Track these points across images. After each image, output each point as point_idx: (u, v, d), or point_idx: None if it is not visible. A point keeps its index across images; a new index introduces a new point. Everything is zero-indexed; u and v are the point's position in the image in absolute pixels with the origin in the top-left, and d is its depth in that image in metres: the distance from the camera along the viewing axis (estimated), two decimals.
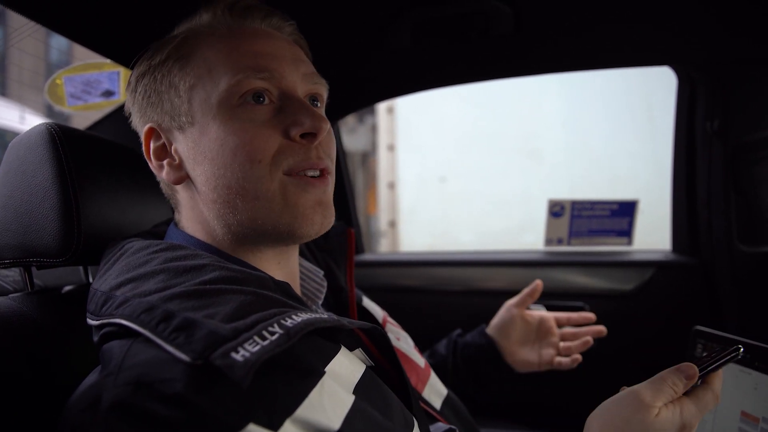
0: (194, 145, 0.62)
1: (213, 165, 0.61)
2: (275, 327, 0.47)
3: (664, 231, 1.53)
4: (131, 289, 0.53)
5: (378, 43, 1.08)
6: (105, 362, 0.49)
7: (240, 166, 0.60)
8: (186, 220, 0.68)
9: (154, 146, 0.66)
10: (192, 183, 0.65)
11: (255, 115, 0.61)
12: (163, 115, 0.64)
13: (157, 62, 0.64)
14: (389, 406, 0.58)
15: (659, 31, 1.08)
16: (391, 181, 4.09)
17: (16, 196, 0.69)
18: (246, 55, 0.62)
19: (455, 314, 1.57)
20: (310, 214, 0.63)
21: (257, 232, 0.63)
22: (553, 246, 1.63)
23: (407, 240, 3.95)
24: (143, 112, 0.67)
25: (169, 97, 0.63)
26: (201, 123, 0.61)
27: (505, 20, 0.99)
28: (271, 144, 0.60)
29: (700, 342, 0.90)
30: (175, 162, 0.65)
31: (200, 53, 0.63)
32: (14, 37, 1.23)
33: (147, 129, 0.65)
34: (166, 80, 0.63)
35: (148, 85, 0.65)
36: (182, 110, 0.62)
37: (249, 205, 0.61)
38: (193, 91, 0.62)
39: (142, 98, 0.66)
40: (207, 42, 0.64)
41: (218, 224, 0.64)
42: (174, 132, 0.64)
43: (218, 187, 0.61)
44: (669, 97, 1.47)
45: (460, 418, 0.85)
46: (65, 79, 1.35)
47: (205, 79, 0.62)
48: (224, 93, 0.60)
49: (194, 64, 0.63)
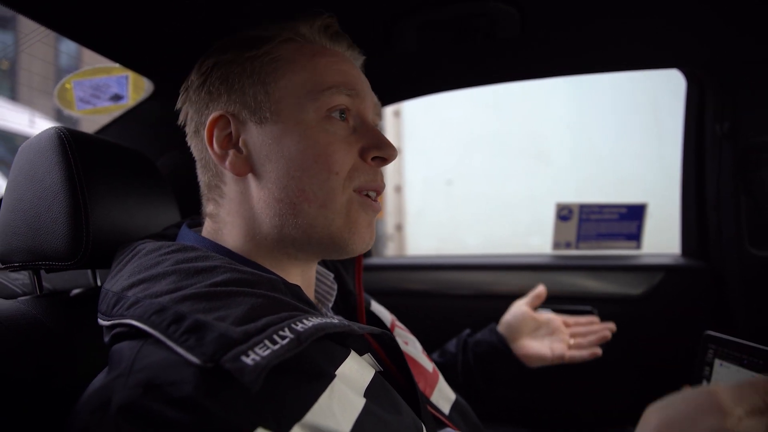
0: (273, 142, 0.63)
1: (290, 165, 0.62)
2: (286, 331, 0.47)
3: (670, 233, 1.52)
4: (142, 290, 0.54)
5: (384, 47, 1.08)
6: (115, 363, 0.49)
7: (318, 174, 0.62)
8: (227, 213, 0.68)
9: (219, 134, 0.65)
10: (254, 178, 0.65)
11: (337, 129, 0.65)
12: (242, 106, 0.65)
13: (249, 56, 0.65)
14: (399, 410, 0.57)
15: (667, 33, 1.07)
16: (398, 185, 4.08)
17: (25, 199, 0.70)
18: (339, 73, 0.66)
19: (463, 318, 1.56)
20: (364, 232, 0.67)
21: (310, 239, 0.64)
22: (561, 250, 1.62)
23: (414, 243, 3.94)
24: (215, 97, 0.66)
25: (255, 92, 0.64)
26: (286, 123, 0.63)
27: (511, 23, 0.99)
28: (348, 159, 0.64)
29: (711, 347, 0.89)
30: (242, 153, 0.65)
31: (296, 61, 0.65)
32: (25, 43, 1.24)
33: (217, 115, 0.65)
34: (256, 75, 0.65)
35: (232, 74, 0.65)
36: (266, 106, 0.64)
37: (314, 211, 0.63)
38: (284, 93, 0.64)
39: (219, 83, 0.66)
40: (302, 52, 0.66)
41: (270, 224, 0.64)
42: (249, 124, 0.65)
43: (289, 188, 0.62)
44: (676, 99, 1.46)
45: (468, 423, 0.84)
46: (74, 83, 1.35)
47: (298, 85, 0.64)
48: (316, 103, 0.63)
49: (289, 69, 0.65)
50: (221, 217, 0.68)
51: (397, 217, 4.10)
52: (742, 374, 0.82)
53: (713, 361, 0.88)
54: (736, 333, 0.86)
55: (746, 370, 0.81)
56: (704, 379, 0.88)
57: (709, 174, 1.35)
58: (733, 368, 0.84)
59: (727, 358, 0.85)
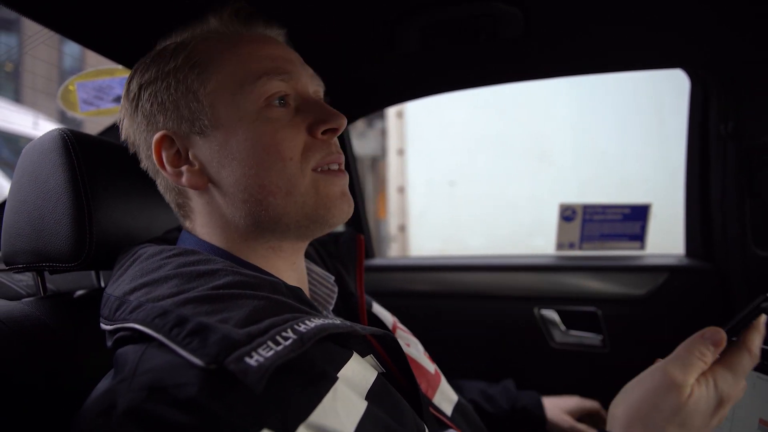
0: (220, 148, 0.62)
1: (243, 166, 0.62)
2: (289, 332, 0.47)
3: (674, 234, 1.51)
4: (145, 294, 0.54)
5: (387, 48, 1.08)
6: (119, 367, 0.49)
7: (272, 165, 0.62)
8: (201, 226, 0.68)
9: (167, 154, 0.64)
10: (215, 187, 0.64)
11: (280, 116, 0.63)
12: (180, 121, 0.63)
13: (170, 69, 0.64)
14: (401, 412, 0.57)
15: (670, 33, 1.07)
16: (401, 186, 4.09)
17: (29, 201, 0.70)
18: (264, 59, 0.64)
19: (465, 319, 1.56)
20: (339, 203, 0.66)
21: (288, 226, 0.64)
22: (564, 250, 1.62)
23: (417, 244, 3.94)
24: (151, 120, 0.65)
25: (187, 103, 0.63)
26: (227, 126, 0.62)
27: (514, 23, 0.99)
28: (298, 142, 0.63)
29: None
30: (195, 167, 0.64)
31: (217, 58, 0.64)
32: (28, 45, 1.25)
33: (159, 137, 0.64)
34: (182, 86, 0.63)
35: (159, 92, 0.64)
36: (203, 115, 0.62)
37: (282, 201, 0.62)
38: (216, 96, 0.62)
39: (150, 106, 0.64)
40: (221, 47, 0.64)
41: (245, 224, 0.64)
42: (193, 137, 0.64)
43: (249, 187, 0.62)
44: (680, 99, 1.46)
45: (471, 425, 0.84)
46: (78, 85, 1.36)
47: (227, 83, 0.63)
48: (251, 96, 0.62)
49: (213, 70, 0.63)
50: (197, 230, 0.68)
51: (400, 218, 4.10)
52: (748, 375, 0.81)
53: None
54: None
55: (751, 371, 0.81)
56: None
57: (713, 174, 1.35)
58: None
59: None
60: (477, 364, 1.54)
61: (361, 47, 1.12)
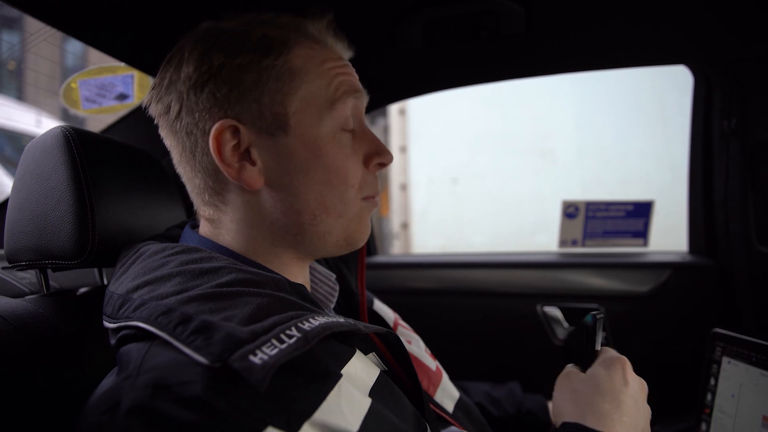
0: (290, 156, 0.61)
1: (310, 180, 0.62)
2: (293, 330, 0.47)
3: (677, 231, 1.51)
4: (148, 292, 0.54)
5: (389, 44, 1.08)
6: (123, 364, 0.49)
7: (337, 188, 0.64)
8: (231, 220, 0.65)
9: (228, 144, 0.60)
10: (268, 189, 0.63)
11: (348, 141, 0.66)
12: (256, 116, 0.61)
13: (267, 65, 0.61)
14: (403, 409, 0.58)
15: (673, 29, 1.06)
16: (404, 183, 4.08)
17: (32, 198, 0.70)
18: (346, 78, 0.66)
19: (468, 316, 1.56)
20: (367, 227, 0.71)
21: (327, 242, 0.66)
22: (567, 247, 1.62)
23: (419, 241, 3.94)
24: (222, 103, 0.60)
25: (271, 102, 0.61)
26: (306, 138, 0.62)
27: (516, 19, 0.99)
28: (360, 172, 0.67)
29: (719, 345, 0.88)
30: (255, 166, 0.62)
31: (312, 68, 0.63)
32: (31, 42, 1.25)
33: (227, 125, 0.60)
34: (273, 83, 0.61)
35: (247, 81, 0.60)
36: (284, 118, 0.61)
37: (332, 221, 0.65)
38: (303, 104, 0.62)
39: (229, 89, 0.60)
40: (316, 58, 0.64)
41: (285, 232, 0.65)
42: (262, 136, 0.61)
43: (309, 201, 0.63)
44: (683, 96, 1.45)
45: (473, 421, 0.84)
46: (80, 82, 1.36)
47: (317, 95, 0.62)
48: (334, 112, 0.63)
49: (306, 79, 0.62)
50: (223, 222, 0.66)
51: (403, 216, 4.10)
52: (750, 372, 0.81)
53: (721, 359, 0.87)
54: (744, 330, 0.85)
55: (754, 368, 0.81)
56: (712, 376, 0.88)
57: (716, 171, 1.34)
58: (741, 366, 0.83)
59: (735, 356, 0.85)
60: (479, 361, 1.54)
61: (363, 44, 1.11)
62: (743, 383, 0.82)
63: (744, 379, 0.82)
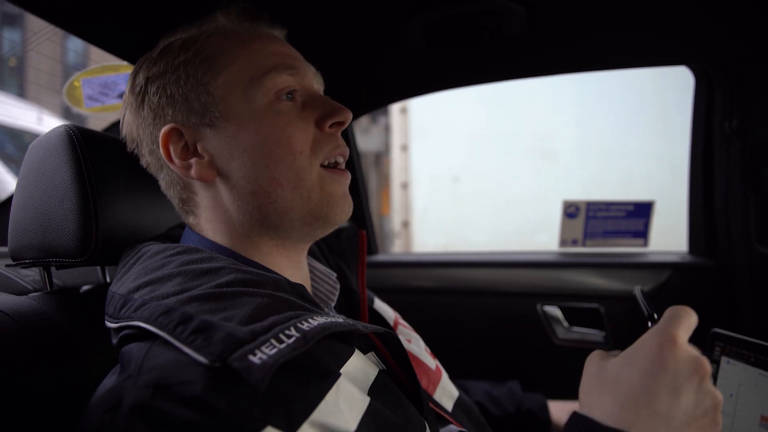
0: (230, 140, 0.63)
1: (254, 158, 0.63)
2: (292, 330, 0.47)
3: (678, 231, 1.51)
4: (149, 292, 0.54)
5: (391, 44, 1.08)
6: (124, 364, 0.50)
7: (283, 158, 0.63)
8: (206, 222, 0.68)
9: (175, 147, 0.64)
10: (222, 180, 0.65)
11: (289, 110, 0.65)
12: (189, 113, 0.64)
13: (180, 62, 0.64)
14: (402, 408, 0.58)
15: (674, 30, 1.06)
16: (405, 182, 4.09)
17: (36, 197, 0.70)
18: (273, 55, 0.66)
19: (468, 315, 1.57)
20: (341, 203, 0.68)
21: (293, 222, 0.65)
22: (567, 247, 1.62)
23: (420, 240, 3.94)
24: (159, 112, 0.65)
25: (197, 95, 0.64)
26: (238, 118, 0.63)
27: (518, 20, 0.99)
28: (308, 136, 0.65)
29: (718, 344, 0.88)
30: (204, 159, 0.64)
31: (227, 53, 0.65)
32: (32, 41, 1.25)
33: (168, 129, 0.64)
34: (192, 79, 0.64)
35: (168, 85, 0.64)
36: (213, 107, 0.63)
37: (290, 194, 0.64)
38: (226, 89, 0.64)
39: (158, 99, 0.65)
40: (230, 42, 0.66)
41: (250, 219, 0.65)
42: (202, 130, 0.64)
43: (259, 179, 0.63)
44: (684, 97, 1.45)
45: (472, 420, 0.85)
46: (83, 81, 1.36)
47: (238, 77, 0.64)
48: (261, 90, 0.63)
49: (224, 63, 0.64)
50: (202, 225, 0.68)
51: (404, 214, 4.10)
52: (749, 372, 0.81)
53: (720, 359, 0.87)
54: (744, 331, 0.86)
55: (753, 368, 0.81)
56: (711, 377, 0.88)
57: (717, 171, 1.34)
58: (740, 366, 0.84)
59: (734, 356, 0.85)
60: (479, 360, 1.54)
61: (365, 44, 1.12)
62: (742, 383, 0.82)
63: (742, 379, 0.82)
